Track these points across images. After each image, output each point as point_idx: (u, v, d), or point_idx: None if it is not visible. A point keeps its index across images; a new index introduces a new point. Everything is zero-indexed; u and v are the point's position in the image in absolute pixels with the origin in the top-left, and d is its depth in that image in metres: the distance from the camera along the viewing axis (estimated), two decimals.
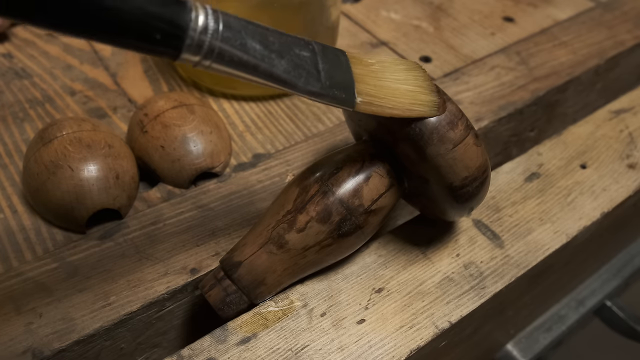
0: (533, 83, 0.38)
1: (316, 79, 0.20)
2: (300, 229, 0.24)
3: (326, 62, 0.21)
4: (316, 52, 0.21)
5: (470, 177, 0.23)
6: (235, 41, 0.18)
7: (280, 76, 0.19)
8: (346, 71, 0.21)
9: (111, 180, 0.28)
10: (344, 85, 0.21)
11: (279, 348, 0.23)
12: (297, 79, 0.20)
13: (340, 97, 0.21)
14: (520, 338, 0.43)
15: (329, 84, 0.20)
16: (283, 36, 0.20)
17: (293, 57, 0.20)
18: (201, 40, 0.17)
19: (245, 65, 0.19)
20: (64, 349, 0.24)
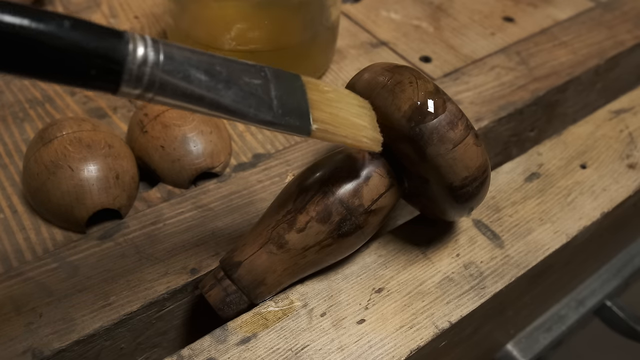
0: (533, 83, 0.38)
1: (268, 107, 0.19)
2: (300, 229, 0.24)
3: (279, 89, 0.20)
4: (269, 78, 0.20)
5: (471, 177, 0.23)
6: (178, 73, 0.17)
7: (228, 107, 0.19)
8: (301, 97, 0.21)
9: (111, 180, 0.28)
10: (299, 113, 0.20)
11: (279, 348, 0.23)
12: (247, 109, 0.19)
13: (295, 124, 0.20)
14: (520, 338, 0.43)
15: (282, 112, 0.20)
16: (232, 64, 0.19)
17: (242, 86, 0.19)
18: (141, 72, 0.16)
19: (190, 96, 0.18)
20: (64, 349, 0.24)
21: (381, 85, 0.24)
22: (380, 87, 0.24)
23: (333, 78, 0.39)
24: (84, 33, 0.15)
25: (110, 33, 0.16)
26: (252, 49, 0.34)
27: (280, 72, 0.21)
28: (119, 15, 0.43)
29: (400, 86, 0.23)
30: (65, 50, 0.15)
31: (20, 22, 0.14)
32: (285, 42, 0.35)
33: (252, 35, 0.34)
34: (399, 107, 0.23)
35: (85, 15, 0.43)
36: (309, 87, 0.21)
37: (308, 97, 0.21)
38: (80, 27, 0.15)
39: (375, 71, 0.25)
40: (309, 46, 0.36)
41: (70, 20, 0.15)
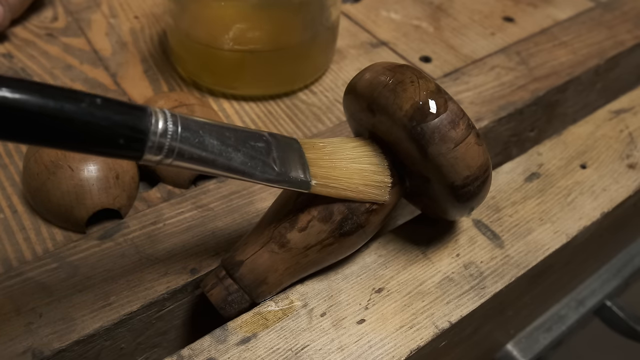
0: (533, 83, 0.38)
1: (272, 167, 0.22)
2: (301, 228, 0.24)
3: (280, 151, 0.22)
4: (270, 142, 0.22)
5: (472, 177, 0.23)
6: (193, 140, 0.19)
7: (238, 168, 0.21)
8: (300, 157, 0.23)
9: (111, 180, 0.28)
10: (299, 171, 0.23)
11: (279, 348, 0.23)
12: (254, 169, 0.21)
13: (296, 181, 0.22)
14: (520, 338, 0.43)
15: (284, 171, 0.22)
16: (238, 131, 0.21)
17: (249, 150, 0.21)
18: (161, 142, 0.19)
19: (205, 161, 0.20)
20: (64, 349, 0.24)
21: (382, 85, 0.24)
22: (382, 87, 0.24)
23: (333, 78, 0.39)
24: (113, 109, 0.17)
25: (135, 108, 0.18)
26: (252, 49, 0.34)
27: (279, 137, 0.23)
28: (119, 15, 0.43)
29: (401, 85, 0.23)
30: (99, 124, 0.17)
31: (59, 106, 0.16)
32: (285, 42, 0.35)
33: (252, 35, 0.34)
34: (400, 107, 0.23)
35: (85, 15, 0.43)
36: (306, 147, 0.24)
37: (306, 156, 0.23)
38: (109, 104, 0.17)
39: (376, 71, 0.25)
40: (309, 46, 0.36)
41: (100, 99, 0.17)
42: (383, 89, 0.24)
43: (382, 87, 0.24)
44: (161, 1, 0.45)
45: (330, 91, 0.38)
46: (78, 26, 0.42)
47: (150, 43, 0.41)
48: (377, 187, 0.24)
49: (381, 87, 0.24)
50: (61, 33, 0.41)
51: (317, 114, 0.36)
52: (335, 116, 0.36)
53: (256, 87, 0.36)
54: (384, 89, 0.24)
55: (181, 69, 0.38)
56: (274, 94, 0.37)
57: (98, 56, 0.39)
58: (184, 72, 0.38)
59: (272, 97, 0.37)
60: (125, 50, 0.40)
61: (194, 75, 0.37)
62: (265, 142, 0.22)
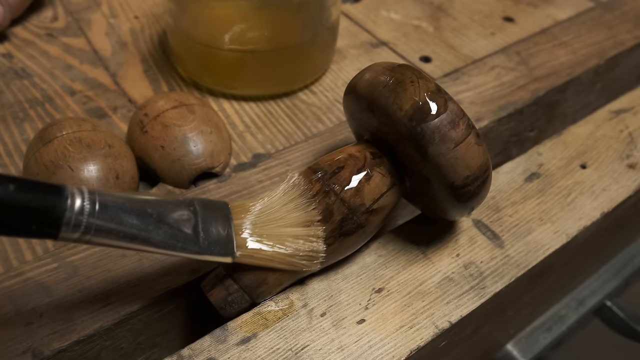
0: (533, 83, 0.38)
1: (194, 242, 0.21)
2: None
3: (206, 222, 0.22)
4: (197, 212, 0.22)
5: (472, 177, 0.23)
6: (111, 219, 0.19)
7: (158, 244, 0.21)
8: (226, 226, 0.22)
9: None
10: (224, 242, 0.22)
11: (279, 348, 0.23)
12: (175, 245, 0.21)
13: (219, 253, 0.22)
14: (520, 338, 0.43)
15: (208, 244, 0.22)
16: (163, 205, 0.21)
17: (172, 224, 0.21)
18: (78, 221, 0.18)
19: (123, 238, 0.20)
20: (64, 349, 0.24)
21: (382, 85, 0.24)
22: (382, 87, 0.24)
23: (333, 78, 0.39)
24: (27, 193, 0.17)
25: (51, 190, 0.18)
26: (252, 49, 0.34)
27: (208, 203, 0.23)
28: (119, 15, 0.43)
29: (401, 85, 0.23)
30: (10, 209, 0.17)
31: None
32: (285, 42, 0.35)
33: (252, 35, 0.34)
34: (400, 107, 0.23)
35: (85, 15, 0.43)
36: (236, 211, 0.23)
37: (234, 223, 0.23)
38: (24, 188, 0.17)
39: (376, 71, 0.25)
40: (309, 46, 0.36)
41: (15, 183, 0.17)
42: (383, 89, 0.24)
43: (382, 87, 0.24)
44: (161, 1, 0.45)
45: (330, 91, 0.38)
46: (78, 26, 0.42)
47: (150, 43, 0.41)
48: (308, 257, 0.23)
49: (381, 87, 0.24)
50: (61, 33, 0.41)
51: (317, 114, 0.36)
52: (335, 116, 0.36)
53: (256, 87, 0.36)
54: (384, 89, 0.24)
55: (181, 69, 0.38)
56: (274, 94, 0.37)
57: (98, 56, 0.39)
58: (184, 72, 0.38)
59: (272, 97, 0.37)
60: (125, 50, 0.40)
61: (194, 75, 0.37)
62: (193, 212, 0.22)
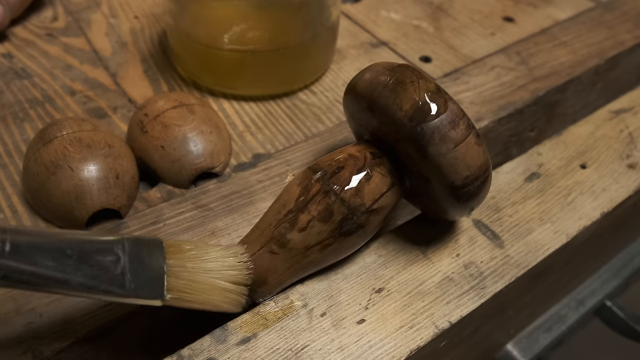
0: (533, 83, 0.38)
1: (119, 285, 0.20)
2: (302, 228, 0.24)
3: (135, 262, 0.21)
4: (126, 251, 0.21)
5: (472, 177, 0.23)
6: (23, 263, 0.18)
7: (77, 287, 0.19)
8: (158, 268, 0.21)
9: (111, 180, 0.28)
10: (153, 284, 0.21)
11: (279, 348, 0.23)
12: (97, 288, 0.20)
13: (148, 296, 0.21)
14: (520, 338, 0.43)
15: (135, 286, 0.20)
16: (85, 245, 0.20)
17: (93, 266, 0.20)
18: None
19: (35, 284, 0.19)
20: (64, 349, 0.24)
21: (382, 85, 0.24)
22: (382, 87, 0.24)
23: (333, 78, 0.39)
24: None
25: None
26: (252, 49, 0.34)
27: (140, 242, 0.21)
28: (119, 15, 0.43)
29: (401, 85, 0.23)
30: None
31: None
32: (285, 42, 0.35)
33: (252, 35, 0.34)
34: (400, 107, 0.23)
35: (85, 15, 0.43)
36: (170, 251, 0.22)
37: (167, 265, 0.21)
38: None
39: (376, 71, 0.25)
40: (309, 46, 0.36)
41: None
42: (383, 89, 0.24)
43: (382, 87, 0.24)
44: (161, 1, 0.45)
45: (330, 91, 0.38)
46: (78, 26, 0.42)
47: (150, 43, 0.41)
48: (233, 304, 0.23)
49: (381, 87, 0.24)
50: (61, 33, 0.41)
51: (317, 114, 0.36)
52: (335, 116, 0.36)
53: (256, 87, 0.36)
54: (383, 89, 0.24)
55: (181, 69, 0.38)
56: (274, 94, 0.37)
57: (98, 56, 0.39)
58: (184, 72, 0.38)
59: (272, 97, 0.37)
60: (125, 50, 0.40)
61: (194, 75, 0.37)
62: (121, 250, 0.20)
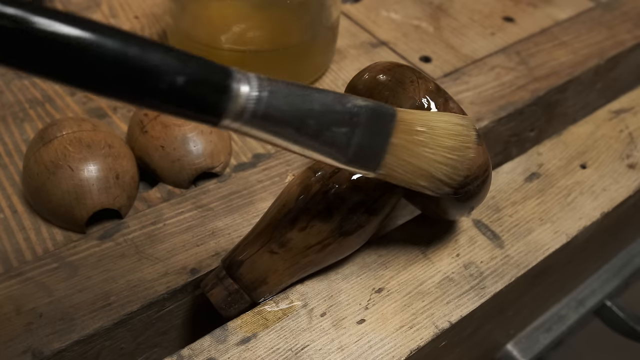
0: (533, 83, 0.38)
1: (343, 155, 0.20)
2: (302, 228, 0.24)
3: (364, 135, 0.20)
4: (359, 123, 0.20)
5: (472, 177, 0.23)
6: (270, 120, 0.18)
7: (306, 154, 0.20)
8: (383, 142, 0.21)
9: (111, 180, 0.28)
10: (372, 158, 0.21)
11: (279, 348, 0.23)
12: (322, 156, 0.20)
13: (362, 167, 0.21)
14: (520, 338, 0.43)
15: (355, 157, 0.21)
16: (326, 115, 0.20)
17: (327, 138, 0.20)
18: (241, 110, 0.17)
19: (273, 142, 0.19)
20: (64, 349, 0.24)
21: (382, 85, 0.24)
22: (382, 87, 0.24)
23: (333, 78, 0.39)
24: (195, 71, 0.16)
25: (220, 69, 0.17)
26: (252, 49, 0.34)
27: (377, 110, 0.21)
28: (119, 15, 0.43)
29: (401, 85, 0.23)
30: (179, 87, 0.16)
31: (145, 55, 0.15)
32: (285, 42, 0.35)
33: (252, 35, 0.34)
34: (400, 106, 0.23)
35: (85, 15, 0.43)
36: (400, 127, 0.21)
37: (391, 141, 0.21)
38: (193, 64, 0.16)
39: (376, 71, 0.25)
40: (309, 46, 0.36)
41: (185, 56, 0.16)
42: (383, 88, 0.24)
43: (382, 87, 0.24)
44: (161, 1, 0.45)
45: None
46: None
47: None
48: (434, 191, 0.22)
49: (381, 87, 0.24)
50: None
51: None
52: None
53: None
54: (383, 88, 0.24)
55: None
56: None
57: None
58: None
59: None
60: None
61: None
62: (354, 124, 0.20)
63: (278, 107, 0.18)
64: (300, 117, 0.19)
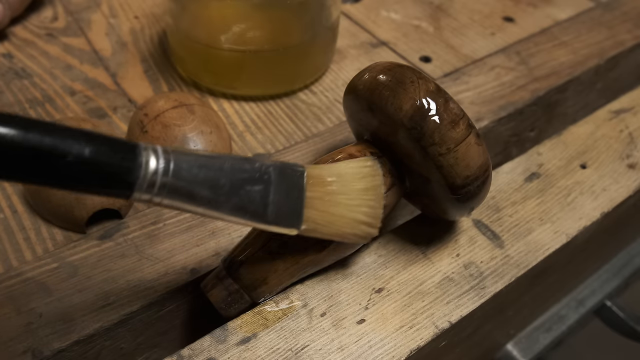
0: (533, 83, 0.38)
1: (262, 214, 0.21)
2: None
3: (278, 193, 0.21)
4: (271, 181, 0.21)
5: (472, 177, 0.23)
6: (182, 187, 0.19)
7: (226, 214, 0.20)
8: (298, 198, 0.22)
9: None
10: (291, 214, 0.22)
11: (279, 348, 0.23)
12: (242, 217, 0.20)
13: (284, 226, 0.21)
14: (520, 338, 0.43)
15: (275, 216, 0.21)
16: (237, 174, 0.20)
17: (242, 196, 0.20)
18: (152, 180, 0.18)
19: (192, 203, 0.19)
20: (64, 349, 0.24)
21: (382, 85, 0.24)
22: (382, 87, 0.24)
23: (333, 78, 0.39)
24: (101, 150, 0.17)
25: (125, 147, 0.18)
26: (252, 49, 0.34)
27: (285, 170, 0.22)
28: (119, 15, 0.43)
29: (401, 85, 0.23)
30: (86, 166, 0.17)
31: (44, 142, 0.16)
32: (285, 42, 0.35)
33: (252, 35, 0.34)
34: (400, 107, 0.23)
35: (85, 15, 0.43)
36: (311, 182, 0.22)
37: (306, 195, 0.22)
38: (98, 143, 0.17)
39: (376, 71, 0.25)
40: (309, 46, 0.36)
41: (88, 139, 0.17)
42: (383, 89, 0.24)
43: (382, 87, 0.24)
44: (161, 1, 0.45)
45: (330, 91, 0.38)
46: (78, 26, 0.42)
47: (150, 43, 0.41)
48: (362, 237, 0.23)
49: (381, 87, 0.24)
50: (61, 33, 0.41)
51: (317, 114, 0.36)
52: (335, 116, 0.36)
53: (256, 87, 0.36)
54: (383, 89, 0.24)
55: (181, 69, 0.38)
56: (274, 94, 0.37)
57: (98, 56, 0.39)
58: (184, 72, 0.38)
59: (272, 97, 0.37)
60: (125, 50, 0.40)
61: (194, 75, 0.37)
62: (266, 182, 0.21)
63: (188, 174, 0.19)
64: (212, 178, 0.20)
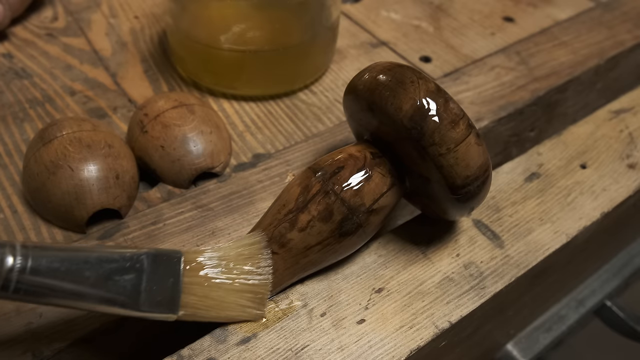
0: (533, 83, 0.38)
1: (134, 303, 0.21)
2: (302, 228, 0.24)
3: (152, 280, 0.21)
4: (143, 269, 0.21)
5: (472, 177, 0.23)
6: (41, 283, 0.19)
7: (91, 308, 0.20)
8: (174, 284, 0.22)
9: (111, 180, 0.28)
10: (167, 302, 0.21)
11: (279, 348, 0.23)
12: (112, 307, 0.20)
13: (161, 312, 0.21)
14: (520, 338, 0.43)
15: (149, 304, 0.21)
16: (104, 265, 0.20)
17: (110, 287, 0.20)
18: (8, 279, 0.18)
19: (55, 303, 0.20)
20: (64, 349, 0.24)
21: (382, 85, 0.24)
22: (382, 87, 0.24)
23: (333, 78, 0.39)
24: None
25: None
26: (252, 49, 0.34)
27: (160, 256, 0.22)
28: (119, 15, 0.43)
29: (401, 85, 0.23)
30: None
31: None
32: (285, 42, 0.35)
33: (252, 35, 0.34)
34: (400, 107, 0.23)
35: (85, 15, 0.43)
36: (188, 267, 0.22)
37: (182, 281, 0.22)
38: None
39: (376, 71, 0.25)
40: (309, 46, 0.36)
41: None
42: (383, 89, 0.24)
43: (382, 87, 0.24)
44: (161, 1, 0.45)
45: (330, 91, 0.38)
46: (78, 26, 0.42)
47: (150, 43, 0.41)
48: (249, 319, 0.23)
49: (381, 87, 0.24)
50: (61, 33, 0.41)
51: (317, 114, 0.36)
52: (335, 116, 0.36)
53: (256, 87, 0.36)
54: (383, 89, 0.24)
55: (181, 69, 0.38)
56: (274, 94, 0.37)
57: (98, 56, 0.39)
58: (184, 72, 0.38)
59: (272, 97, 0.37)
60: (125, 50, 0.40)
61: (194, 75, 0.37)
62: (138, 270, 0.21)
63: (47, 269, 0.19)
64: (74, 271, 0.20)
